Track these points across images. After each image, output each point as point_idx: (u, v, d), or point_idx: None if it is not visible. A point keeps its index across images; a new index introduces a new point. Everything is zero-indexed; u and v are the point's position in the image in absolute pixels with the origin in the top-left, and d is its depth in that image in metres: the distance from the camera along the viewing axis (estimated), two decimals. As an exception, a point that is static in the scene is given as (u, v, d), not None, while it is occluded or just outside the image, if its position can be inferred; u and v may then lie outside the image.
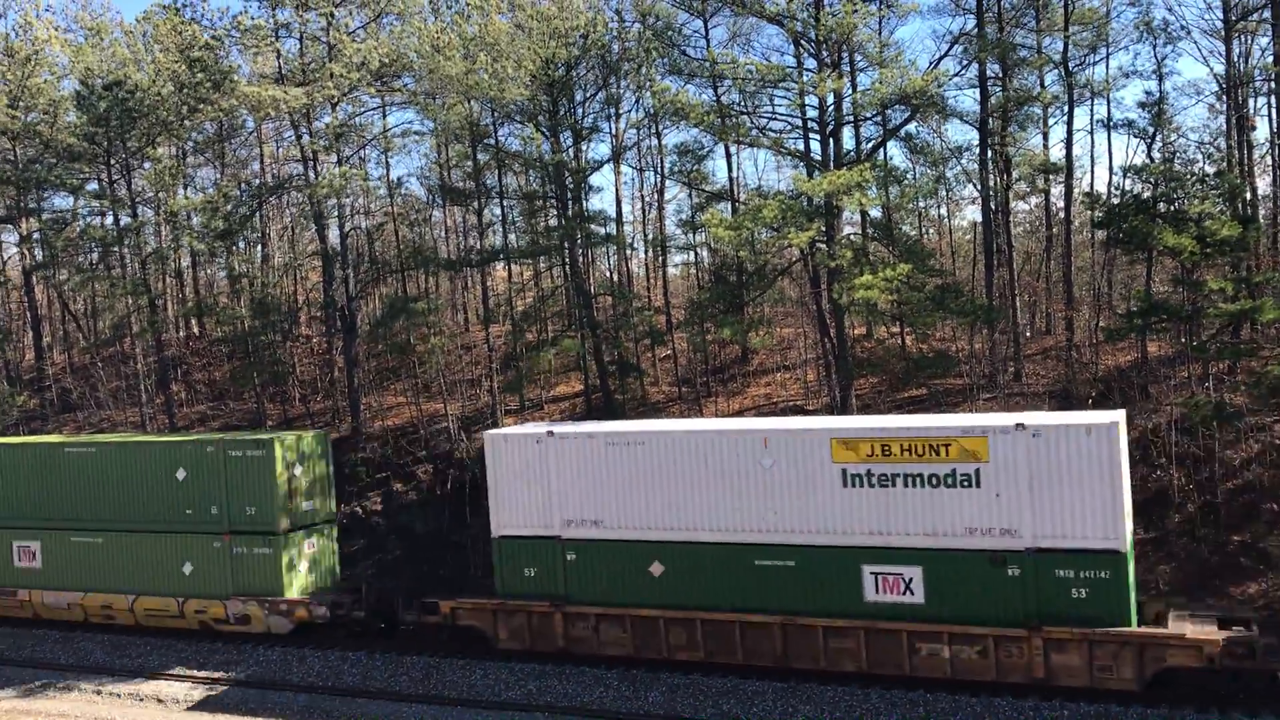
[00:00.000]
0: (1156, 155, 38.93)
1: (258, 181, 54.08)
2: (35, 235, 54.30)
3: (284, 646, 33.65)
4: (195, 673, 32.02)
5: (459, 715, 27.48)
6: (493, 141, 46.03)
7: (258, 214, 52.86)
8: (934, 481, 25.44)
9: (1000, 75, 41.17)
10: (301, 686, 30.34)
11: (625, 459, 28.59)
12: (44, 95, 51.02)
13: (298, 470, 34.01)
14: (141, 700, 30.33)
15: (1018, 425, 24.79)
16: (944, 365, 39.35)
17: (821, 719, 25.44)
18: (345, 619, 33.26)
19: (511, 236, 51.88)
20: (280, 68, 45.37)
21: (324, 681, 30.61)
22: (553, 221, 45.30)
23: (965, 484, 25.21)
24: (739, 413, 41.45)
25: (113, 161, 48.04)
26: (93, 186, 52.32)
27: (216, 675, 31.69)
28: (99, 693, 31.11)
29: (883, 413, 39.31)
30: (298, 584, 33.82)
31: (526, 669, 29.91)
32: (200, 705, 29.63)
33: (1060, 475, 24.39)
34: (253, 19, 43.87)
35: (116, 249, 50.13)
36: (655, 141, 49.89)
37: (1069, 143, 41.53)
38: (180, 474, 34.04)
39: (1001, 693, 25.51)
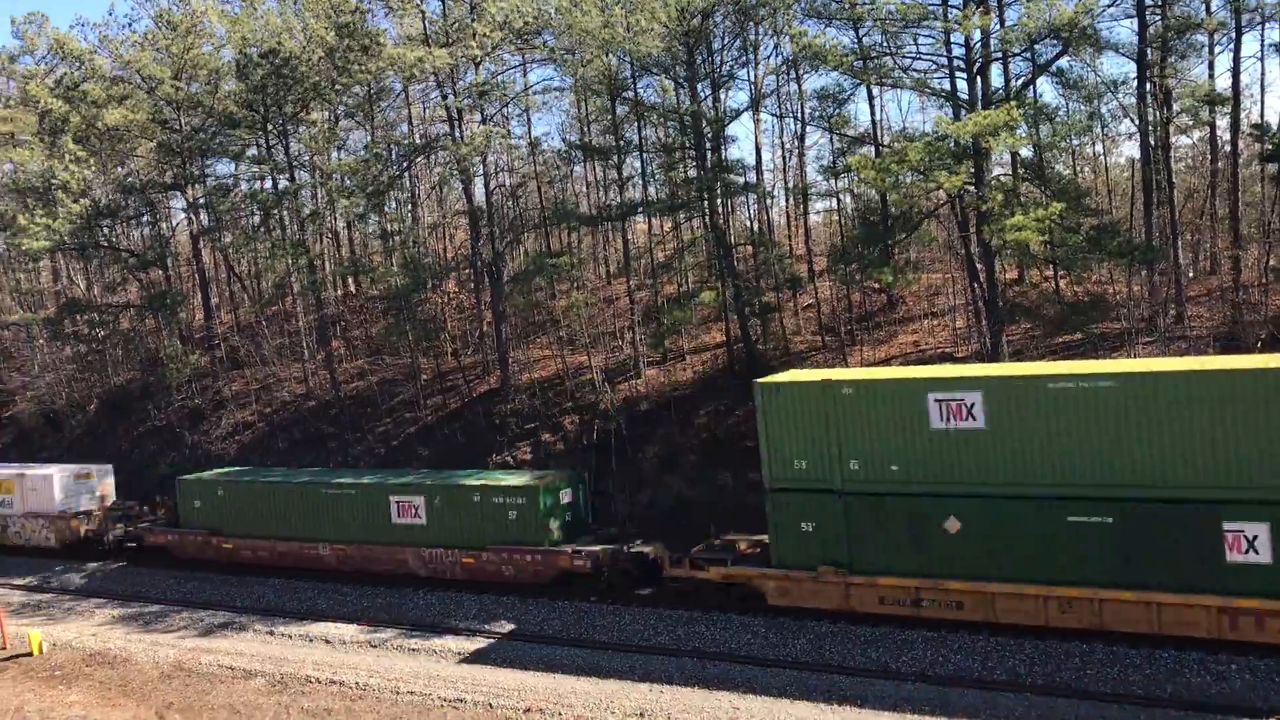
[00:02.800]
0: (1334, 81, 36.46)
1: (406, 142, 55.49)
2: (200, 201, 57.04)
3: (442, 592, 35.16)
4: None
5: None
6: (631, 95, 46.15)
7: (406, 174, 54.33)
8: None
9: (1160, 2, 39.08)
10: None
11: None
12: (205, 66, 53.32)
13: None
14: (310, 641, 32.02)
15: None
16: (1101, 309, 37.93)
17: (973, 666, 25.22)
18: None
19: (650, 189, 52.11)
20: (425, 29, 46.34)
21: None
22: (691, 173, 45.27)
23: None
24: (885, 361, 40.89)
25: (270, 127, 50.00)
26: (252, 152, 54.60)
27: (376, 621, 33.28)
28: (271, 633, 32.98)
29: (1036, 358, 38.25)
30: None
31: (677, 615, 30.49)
32: (366, 644, 31.13)
33: None
34: (398, -18, 44.88)
35: (276, 211, 52.30)
36: (794, 87, 49.25)
37: (1235, 71, 39.26)
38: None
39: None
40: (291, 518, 38.94)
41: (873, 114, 48.89)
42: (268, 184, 55.58)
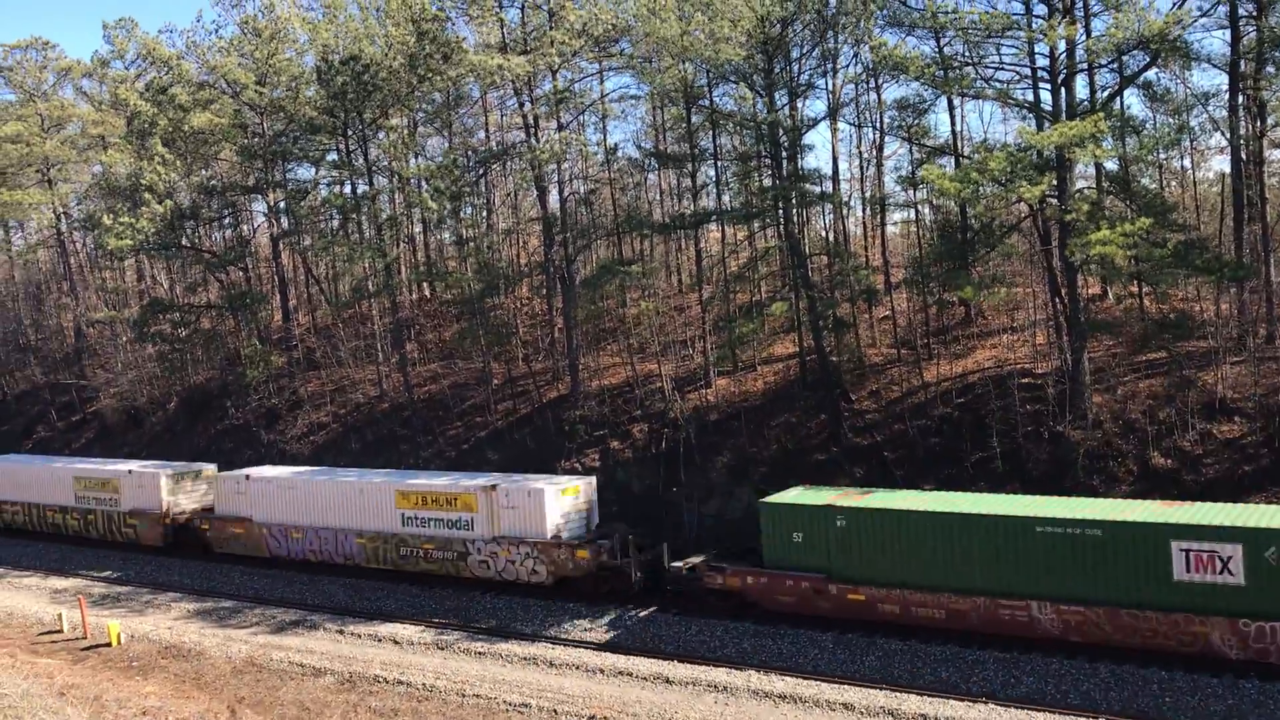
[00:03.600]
0: None
1: (483, 149, 55.91)
2: (280, 204, 58.04)
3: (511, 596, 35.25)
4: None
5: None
6: (707, 103, 45.98)
7: (483, 180, 54.75)
8: None
9: (1254, 14, 37.96)
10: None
11: None
12: (287, 72, 54.29)
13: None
14: (379, 641, 32.30)
15: None
16: (1186, 327, 36.88)
17: (1046, 690, 24.60)
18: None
19: (725, 198, 51.87)
20: (504, 36, 46.69)
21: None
22: (766, 182, 44.92)
23: None
24: (962, 376, 40.20)
25: (350, 132, 50.72)
26: (332, 157, 55.43)
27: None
28: (341, 632, 33.33)
29: (1118, 377, 37.34)
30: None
31: (741, 628, 30.24)
32: (433, 646, 31.28)
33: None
34: (478, -10, 45.25)
35: (354, 216, 53.01)
36: (874, 97, 48.65)
37: (1334, 84, 37.94)
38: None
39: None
40: (970, 563, 28.21)
41: (953, 124, 48.04)
42: (346, 189, 56.38)
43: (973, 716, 23.46)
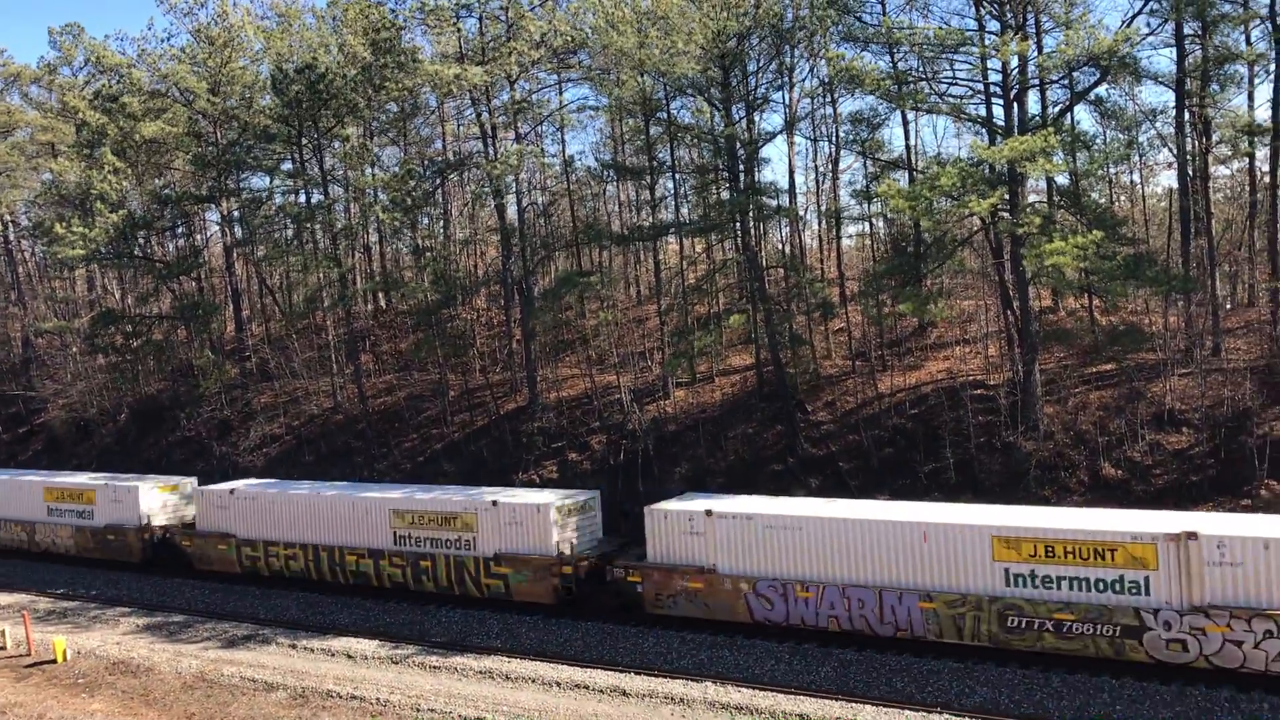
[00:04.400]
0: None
1: (439, 159, 55.73)
2: (234, 214, 57.45)
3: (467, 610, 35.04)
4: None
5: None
6: (665, 115, 46.15)
7: (439, 190, 54.57)
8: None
9: (1199, 32, 38.74)
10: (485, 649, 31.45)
11: None
12: (241, 81, 53.82)
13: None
14: (332, 655, 31.94)
15: None
16: (1136, 339, 37.48)
17: (1000, 700, 24.80)
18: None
19: (683, 210, 52.06)
20: (461, 47, 46.59)
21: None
22: (724, 195, 45.17)
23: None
24: (916, 387, 40.54)
25: (305, 142, 50.35)
26: (286, 166, 54.99)
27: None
28: (293, 646, 32.92)
29: (1069, 388, 37.83)
30: None
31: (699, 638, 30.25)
32: (388, 660, 31.00)
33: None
34: (435, 0, 45.12)
35: (309, 226, 52.60)
36: (829, 111, 49.12)
37: (1276, 103, 38.72)
38: None
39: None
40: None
41: (907, 139, 48.59)
42: (301, 198, 55.99)
43: (928, 726, 23.60)
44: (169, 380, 60.47)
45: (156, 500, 44.83)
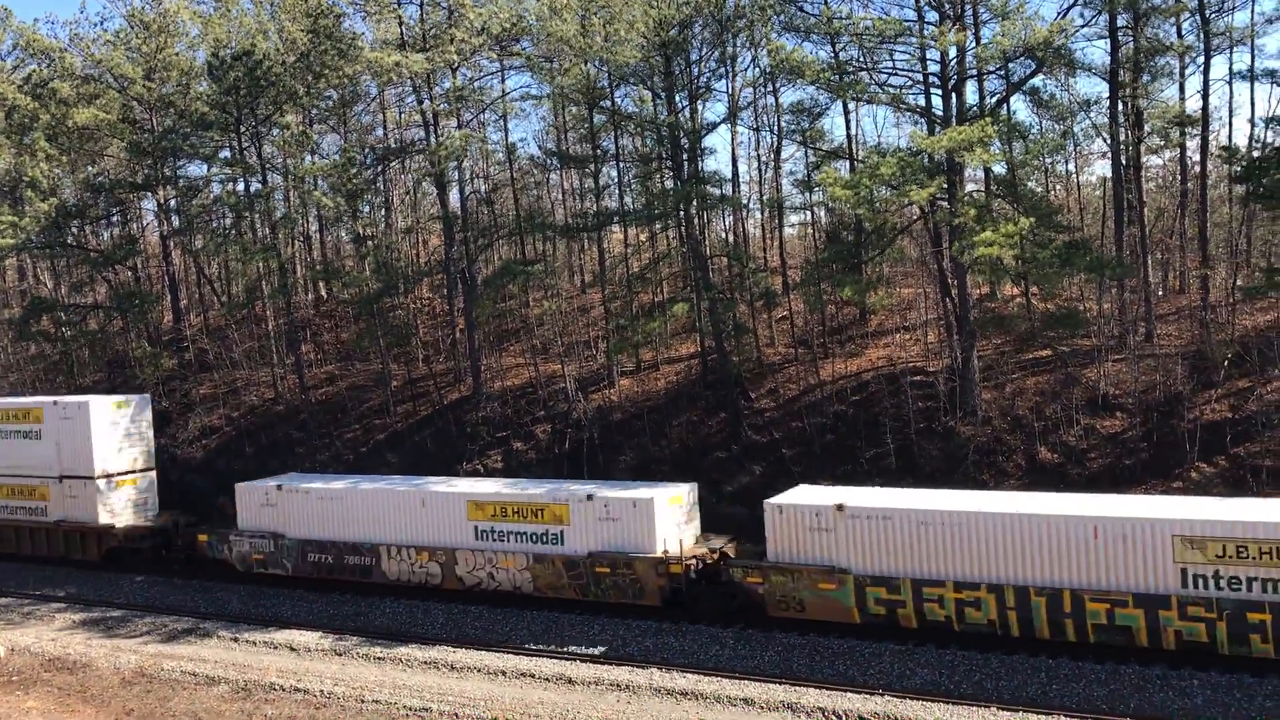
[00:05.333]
0: (1302, 104, 36.92)
1: (380, 146, 55.19)
2: (171, 202, 56.45)
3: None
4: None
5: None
6: (609, 103, 46.10)
7: (381, 178, 54.06)
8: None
9: (1132, 25, 39.50)
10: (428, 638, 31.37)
11: None
12: (177, 67, 52.81)
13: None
14: (275, 648, 31.67)
15: None
16: (1071, 324, 38.21)
17: (940, 681, 25.25)
18: None
19: (627, 199, 52.03)
20: (402, 34, 46.15)
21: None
22: (668, 184, 45.27)
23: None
24: (857, 374, 40.99)
25: (243, 129, 49.58)
26: (224, 154, 54.09)
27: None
28: (235, 640, 32.60)
29: (1006, 374, 38.48)
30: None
31: (643, 625, 30.37)
32: (331, 652, 30.81)
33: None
34: (375, -14, 44.67)
35: (247, 214, 51.87)
36: (771, 100, 49.31)
37: (1205, 94, 39.69)
38: None
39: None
40: None
41: (848, 128, 48.97)
42: (239, 186, 55.15)
43: (870, 708, 23.94)
44: (105, 372, 59.36)
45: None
